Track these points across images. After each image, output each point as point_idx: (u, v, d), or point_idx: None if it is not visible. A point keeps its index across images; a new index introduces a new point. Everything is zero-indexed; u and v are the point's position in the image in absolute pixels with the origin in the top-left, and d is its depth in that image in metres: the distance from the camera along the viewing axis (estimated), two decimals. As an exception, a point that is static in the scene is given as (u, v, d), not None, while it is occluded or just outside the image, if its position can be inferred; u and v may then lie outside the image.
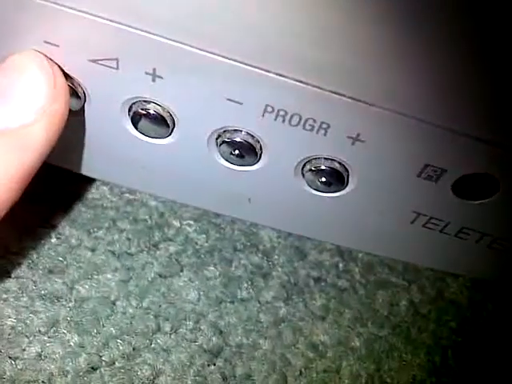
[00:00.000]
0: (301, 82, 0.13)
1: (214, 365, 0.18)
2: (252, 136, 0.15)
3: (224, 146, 0.16)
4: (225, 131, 0.15)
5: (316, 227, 0.18)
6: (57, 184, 0.21)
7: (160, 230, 0.21)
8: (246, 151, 0.16)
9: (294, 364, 0.19)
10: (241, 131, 0.15)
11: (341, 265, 0.22)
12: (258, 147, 0.15)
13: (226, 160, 0.16)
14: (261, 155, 0.16)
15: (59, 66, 0.14)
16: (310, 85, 0.13)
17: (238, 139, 0.15)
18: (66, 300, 0.19)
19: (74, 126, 0.16)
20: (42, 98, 0.14)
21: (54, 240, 0.20)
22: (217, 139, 0.16)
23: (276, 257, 0.21)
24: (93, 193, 0.21)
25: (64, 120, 0.14)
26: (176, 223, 0.21)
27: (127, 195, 0.22)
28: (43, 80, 0.14)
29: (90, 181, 0.21)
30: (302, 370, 0.19)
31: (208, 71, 0.14)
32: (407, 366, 0.20)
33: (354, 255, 0.22)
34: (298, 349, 0.19)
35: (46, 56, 0.14)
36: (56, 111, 0.14)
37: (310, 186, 0.16)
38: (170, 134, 0.16)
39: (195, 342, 0.19)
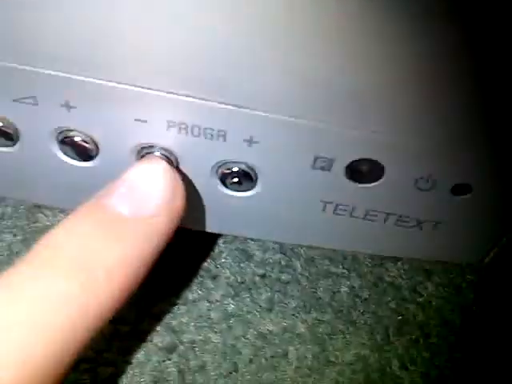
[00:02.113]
0: (189, 96, 0.15)
1: (170, 360, 0.20)
2: (166, 149, 0.17)
3: (144, 162, 0.18)
4: (142, 148, 0.17)
5: (239, 225, 0.20)
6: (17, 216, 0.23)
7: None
8: (163, 164, 0.17)
9: (243, 353, 0.21)
10: (155, 146, 0.17)
11: (283, 261, 0.23)
12: (173, 159, 0.17)
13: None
14: (178, 166, 0.18)
15: None
16: (197, 98, 0.15)
17: (155, 153, 0.17)
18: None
19: (12, 160, 0.18)
20: (168, 193, 0.16)
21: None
22: (137, 155, 0.18)
23: (223, 260, 0.23)
24: (51, 220, 0.23)
25: (182, 213, 0.17)
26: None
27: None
28: (168, 180, 0.16)
29: (48, 210, 0.23)
30: (252, 357, 0.21)
31: (112, 97, 0.16)
32: (351, 345, 0.22)
33: (296, 251, 0.24)
34: (248, 339, 0.21)
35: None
36: (178, 206, 0.16)
37: (226, 187, 0.18)
38: (96, 156, 0.18)
39: (151, 341, 0.20)
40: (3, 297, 0.13)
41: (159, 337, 0.21)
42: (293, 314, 0.22)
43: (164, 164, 0.17)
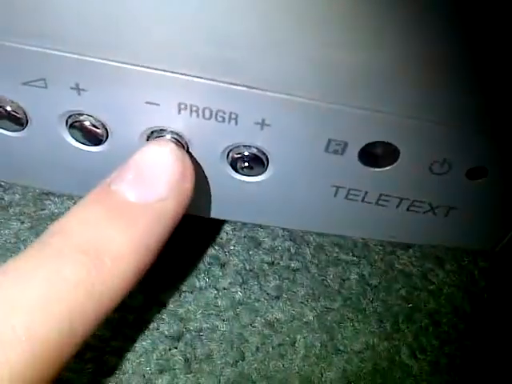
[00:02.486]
0: (201, 78, 0.15)
1: (176, 348, 0.20)
2: (176, 133, 0.17)
3: (154, 146, 0.17)
4: (152, 132, 0.17)
5: (249, 211, 0.20)
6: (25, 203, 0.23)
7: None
8: (174, 148, 0.17)
9: (250, 341, 0.21)
10: (166, 130, 0.17)
11: (292, 249, 0.23)
12: (183, 143, 0.17)
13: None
14: (188, 150, 0.17)
15: None
16: (210, 79, 0.15)
17: (166, 137, 0.17)
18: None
19: (21, 145, 0.18)
20: (176, 175, 0.16)
21: (23, 253, 0.22)
22: (147, 140, 0.17)
23: (231, 247, 0.23)
24: (59, 207, 0.23)
25: (191, 197, 0.16)
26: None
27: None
28: (175, 163, 0.16)
29: (56, 197, 0.23)
30: (259, 345, 0.20)
31: (123, 79, 0.15)
32: (359, 333, 0.21)
33: (306, 239, 0.23)
34: (255, 327, 0.21)
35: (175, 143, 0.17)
36: (186, 189, 0.16)
37: (237, 172, 0.18)
38: (106, 141, 0.18)
39: (157, 329, 0.20)
40: (12, 280, 0.13)
41: (166, 325, 0.21)
42: (301, 302, 0.22)
43: (172, 145, 0.16)
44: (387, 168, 0.17)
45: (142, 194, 0.15)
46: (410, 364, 0.21)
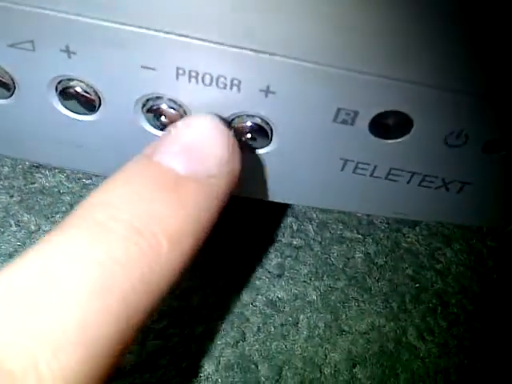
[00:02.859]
0: (202, 40, 0.14)
1: (174, 328, 0.19)
2: (174, 101, 0.16)
3: (150, 114, 0.16)
4: (148, 100, 0.16)
5: (250, 186, 0.19)
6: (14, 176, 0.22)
7: (117, 209, 0.22)
8: (171, 117, 0.16)
9: (252, 321, 0.20)
10: (162, 98, 0.16)
11: (295, 225, 0.22)
12: (181, 112, 0.16)
13: (155, 127, 0.17)
14: (186, 120, 0.16)
15: None
16: (211, 42, 0.14)
17: (162, 106, 0.16)
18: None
19: (9, 113, 0.17)
20: (224, 152, 0.14)
21: (13, 227, 0.21)
22: (142, 108, 0.16)
23: (232, 223, 0.22)
24: (50, 181, 0.22)
25: (238, 177, 0.15)
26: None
27: (84, 180, 0.22)
28: (224, 139, 0.15)
29: (47, 170, 0.22)
30: (260, 325, 0.20)
31: (116, 41, 0.14)
32: (365, 313, 0.21)
33: (309, 215, 0.23)
34: (256, 306, 0.20)
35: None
36: (233, 167, 0.15)
37: (239, 143, 0.17)
38: (98, 109, 0.16)
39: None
40: (58, 266, 0.11)
41: (164, 302, 0.20)
42: (304, 281, 0.21)
43: (217, 119, 0.15)
44: (399, 140, 0.16)
45: (192, 167, 0.14)
46: (418, 346, 0.20)
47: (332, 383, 0.19)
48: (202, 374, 0.18)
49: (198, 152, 0.14)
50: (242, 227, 0.22)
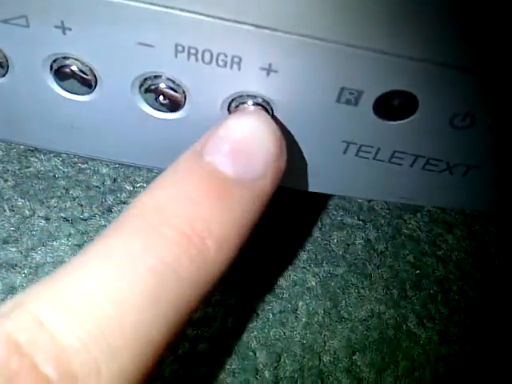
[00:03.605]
0: (202, 14, 0.13)
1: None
2: (172, 80, 0.15)
3: (148, 94, 0.16)
4: (145, 79, 0.15)
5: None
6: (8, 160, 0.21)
7: (113, 194, 0.21)
8: (169, 97, 0.16)
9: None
10: (161, 76, 0.15)
11: (294, 211, 0.22)
12: (180, 91, 0.16)
13: (153, 108, 0.16)
14: (185, 100, 0.16)
15: None
16: (211, 17, 0.13)
17: (160, 85, 0.16)
18: (21, 267, 0.19)
19: (3, 94, 0.17)
20: (272, 154, 0.14)
21: (7, 212, 0.20)
22: (140, 88, 0.16)
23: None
24: (45, 165, 0.22)
25: (283, 174, 0.15)
26: (129, 187, 0.22)
27: (79, 165, 0.22)
28: (273, 138, 0.14)
29: (42, 154, 0.21)
30: (259, 312, 0.19)
31: (113, 16, 0.14)
32: (365, 300, 0.20)
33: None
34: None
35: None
36: (280, 166, 0.14)
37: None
38: (94, 89, 0.16)
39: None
40: (115, 272, 0.12)
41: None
42: (303, 267, 0.21)
43: (267, 116, 0.15)
44: (404, 121, 0.15)
45: (241, 169, 0.14)
46: (418, 333, 0.20)
47: (331, 370, 0.19)
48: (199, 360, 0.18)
49: (248, 153, 0.14)
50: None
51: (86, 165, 0.22)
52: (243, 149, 0.14)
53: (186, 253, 0.12)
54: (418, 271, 0.21)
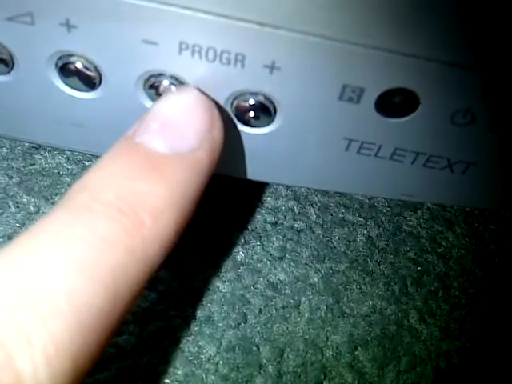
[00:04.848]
0: (207, 12, 0.14)
1: (175, 310, 0.19)
2: (176, 78, 0.15)
3: (152, 91, 0.16)
4: (150, 76, 0.16)
5: (252, 167, 0.18)
6: (13, 157, 0.21)
7: (117, 191, 0.21)
8: (174, 94, 0.16)
9: (253, 303, 0.20)
10: (164, 74, 0.15)
11: (296, 208, 0.22)
12: (184, 89, 0.16)
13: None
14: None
15: None
16: (216, 15, 0.14)
17: (164, 83, 0.16)
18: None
19: (7, 91, 0.17)
20: (204, 125, 0.14)
21: (12, 209, 0.20)
22: (144, 85, 0.16)
23: (233, 206, 0.22)
24: (49, 162, 0.22)
25: (221, 144, 0.15)
26: (132, 184, 0.22)
27: (83, 162, 0.22)
28: (203, 110, 0.15)
29: (46, 151, 0.22)
30: (262, 307, 0.20)
31: (118, 14, 0.14)
32: (366, 296, 0.20)
33: (310, 199, 0.22)
34: (257, 289, 0.20)
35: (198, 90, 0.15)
36: (215, 137, 0.15)
37: (241, 122, 0.16)
38: (98, 86, 0.16)
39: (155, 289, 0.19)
40: (44, 243, 0.12)
41: (164, 285, 0.20)
42: (306, 264, 0.21)
43: (196, 92, 0.15)
44: (405, 118, 0.16)
45: (173, 144, 0.14)
46: (420, 329, 0.20)
47: (334, 365, 0.19)
48: (203, 356, 0.18)
49: (177, 127, 0.14)
50: (244, 209, 0.21)
51: (90, 162, 0.22)
52: (173, 124, 0.14)
53: (120, 225, 0.12)
54: (418, 268, 0.21)
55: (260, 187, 0.22)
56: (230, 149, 0.17)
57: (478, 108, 0.15)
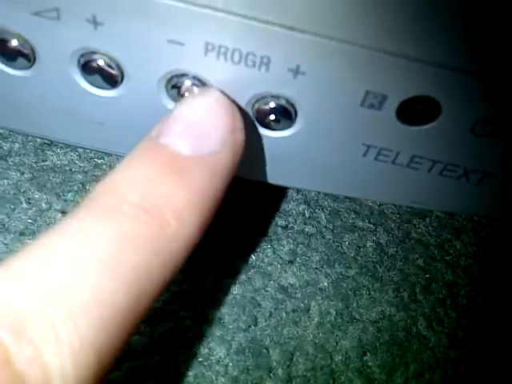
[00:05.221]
0: (235, 14, 0.14)
1: (186, 311, 0.19)
2: (199, 79, 0.16)
3: (174, 92, 0.16)
4: (172, 76, 0.16)
5: (268, 170, 0.18)
6: (25, 153, 0.21)
7: (128, 190, 0.21)
8: (195, 95, 0.16)
9: (263, 306, 0.20)
10: (187, 75, 0.15)
11: (307, 213, 0.22)
12: (206, 90, 0.16)
13: (178, 106, 0.16)
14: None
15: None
16: (243, 17, 0.14)
17: (186, 83, 0.16)
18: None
19: (27, 86, 0.17)
20: (228, 127, 0.15)
21: (24, 205, 0.20)
22: (166, 86, 0.16)
23: (244, 209, 0.22)
24: (61, 159, 0.22)
25: (243, 147, 0.15)
26: (144, 183, 0.22)
27: (95, 160, 0.22)
28: (226, 113, 0.15)
29: (58, 148, 0.21)
30: (272, 310, 0.20)
31: (145, 13, 0.14)
32: (376, 302, 0.21)
33: (321, 203, 0.22)
34: (268, 292, 0.20)
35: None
36: (237, 139, 0.15)
37: (261, 125, 0.16)
38: (120, 84, 0.16)
39: (167, 290, 0.19)
40: (70, 243, 0.12)
41: (175, 286, 0.20)
42: (316, 268, 0.21)
43: (218, 94, 0.15)
44: (425, 126, 0.16)
45: (196, 146, 0.14)
46: (428, 335, 0.20)
47: (343, 370, 0.19)
48: (213, 358, 0.18)
49: (201, 130, 0.14)
50: (256, 213, 0.21)
51: (101, 160, 0.22)
52: (196, 126, 0.14)
53: (146, 226, 0.12)
54: (427, 275, 0.21)
55: (271, 191, 0.22)
56: (249, 151, 0.17)
57: (498, 118, 0.15)
